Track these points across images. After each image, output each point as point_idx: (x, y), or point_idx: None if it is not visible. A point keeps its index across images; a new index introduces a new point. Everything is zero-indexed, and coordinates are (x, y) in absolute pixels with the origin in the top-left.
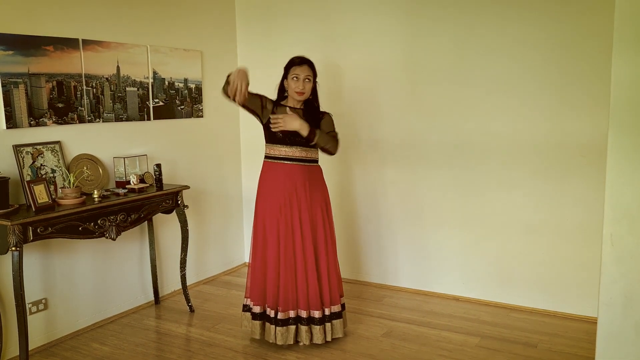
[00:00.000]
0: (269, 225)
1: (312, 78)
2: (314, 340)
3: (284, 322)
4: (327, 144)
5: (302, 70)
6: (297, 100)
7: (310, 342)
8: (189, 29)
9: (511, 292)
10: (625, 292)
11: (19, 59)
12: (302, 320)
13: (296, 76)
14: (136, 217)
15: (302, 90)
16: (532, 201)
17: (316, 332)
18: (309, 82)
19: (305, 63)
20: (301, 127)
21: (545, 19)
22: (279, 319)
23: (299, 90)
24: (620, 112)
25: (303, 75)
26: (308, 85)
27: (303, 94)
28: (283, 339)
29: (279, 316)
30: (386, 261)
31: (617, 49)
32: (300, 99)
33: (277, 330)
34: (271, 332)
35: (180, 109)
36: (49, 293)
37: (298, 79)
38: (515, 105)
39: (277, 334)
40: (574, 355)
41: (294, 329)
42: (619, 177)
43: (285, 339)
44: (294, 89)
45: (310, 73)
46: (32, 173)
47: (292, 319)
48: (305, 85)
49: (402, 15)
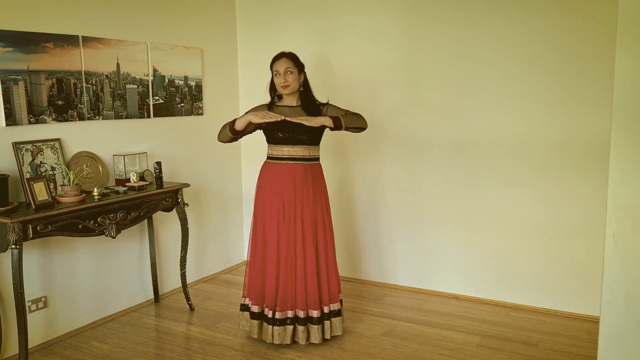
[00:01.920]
0: (269, 225)
1: (296, 69)
2: (311, 339)
3: (281, 322)
4: (354, 122)
5: (280, 65)
6: (286, 94)
7: (307, 342)
8: (189, 26)
9: (512, 291)
10: (627, 291)
11: (19, 55)
12: (300, 320)
13: (277, 72)
14: (136, 215)
15: (285, 83)
16: (533, 200)
17: (314, 332)
18: (292, 74)
19: (283, 56)
20: (325, 121)
21: (548, 17)
22: (276, 318)
23: (282, 85)
24: (624, 111)
25: (283, 69)
26: (290, 77)
27: (288, 87)
28: (280, 338)
29: (277, 316)
30: (386, 260)
31: (620, 46)
32: (287, 93)
33: (275, 330)
34: (268, 332)
35: (181, 106)
36: (48, 291)
37: (279, 74)
38: (516, 104)
39: (274, 334)
40: (575, 355)
41: (291, 328)
42: (622, 176)
43: (282, 338)
44: (278, 84)
45: (289, 64)
46: (32, 171)
47: (290, 319)
48: (287, 77)
49: (403, 13)
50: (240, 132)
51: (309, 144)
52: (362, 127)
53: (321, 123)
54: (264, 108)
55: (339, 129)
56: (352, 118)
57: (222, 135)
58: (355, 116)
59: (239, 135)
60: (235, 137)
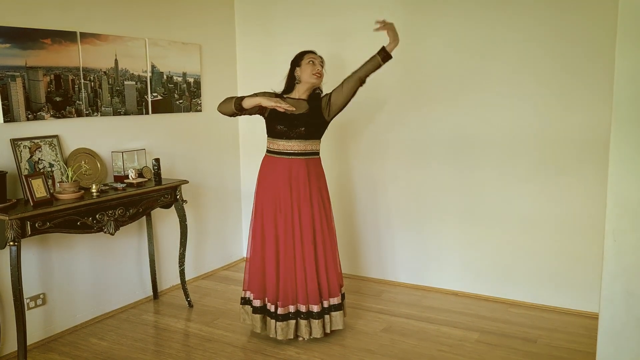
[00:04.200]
0: (266, 220)
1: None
2: (313, 334)
3: (284, 317)
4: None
5: (316, 56)
6: (312, 82)
7: (310, 336)
8: (187, 22)
9: (511, 287)
10: (627, 287)
11: (17, 51)
12: (302, 314)
13: (312, 60)
14: (135, 211)
15: (319, 71)
16: (532, 196)
17: (315, 326)
18: (322, 67)
19: (313, 51)
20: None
21: (547, 12)
22: (279, 314)
23: (316, 72)
24: (624, 107)
25: (318, 60)
26: (322, 70)
27: (321, 76)
28: (283, 333)
29: (279, 311)
30: (385, 256)
31: (620, 42)
32: (317, 82)
33: (278, 325)
34: (272, 327)
35: (179, 103)
36: (47, 288)
37: (314, 62)
38: (516, 100)
39: (278, 329)
40: (573, 351)
41: (293, 323)
42: (622, 172)
43: (285, 333)
44: (310, 71)
45: (321, 59)
46: (30, 167)
47: (292, 314)
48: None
49: (402, 11)
50: (244, 110)
51: (306, 138)
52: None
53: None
54: (273, 96)
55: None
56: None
57: (224, 107)
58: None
59: (241, 112)
60: (237, 114)
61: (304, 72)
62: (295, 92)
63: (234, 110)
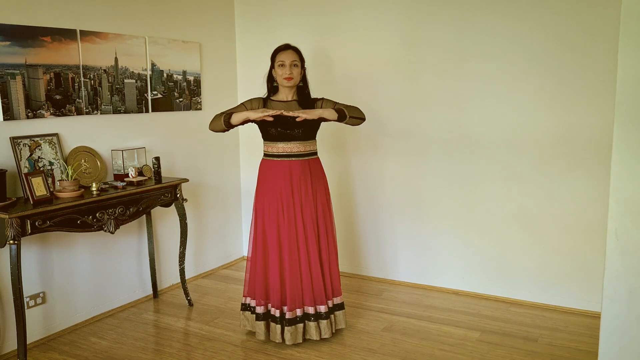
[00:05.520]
0: (268, 224)
1: (300, 63)
2: (322, 335)
3: (291, 322)
4: (356, 113)
5: (287, 56)
6: (287, 87)
7: (320, 338)
8: (187, 20)
9: (512, 286)
10: (629, 286)
11: (16, 49)
12: (310, 316)
13: (282, 62)
14: (135, 210)
15: (289, 75)
16: (533, 195)
17: (324, 327)
18: (297, 67)
19: (289, 48)
20: (323, 113)
21: (550, 10)
22: (287, 318)
23: (286, 76)
24: (626, 105)
25: (289, 61)
26: (296, 70)
27: (291, 79)
28: (292, 338)
29: (287, 316)
30: (386, 255)
31: (623, 40)
32: (289, 85)
33: (286, 330)
34: (277, 332)
35: (179, 101)
36: (47, 287)
37: (284, 65)
38: (517, 98)
39: (286, 334)
40: (574, 350)
41: (302, 326)
42: (624, 170)
43: (294, 338)
44: (281, 75)
45: (295, 57)
46: (30, 165)
47: (300, 317)
48: (292, 70)
49: (402, 6)
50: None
51: (304, 139)
52: (363, 118)
53: (319, 115)
54: (259, 101)
55: (343, 118)
56: (352, 109)
57: (215, 125)
58: (353, 108)
59: (232, 127)
60: (228, 129)
61: (277, 75)
62: (282, 94)
63: (224, 127)
